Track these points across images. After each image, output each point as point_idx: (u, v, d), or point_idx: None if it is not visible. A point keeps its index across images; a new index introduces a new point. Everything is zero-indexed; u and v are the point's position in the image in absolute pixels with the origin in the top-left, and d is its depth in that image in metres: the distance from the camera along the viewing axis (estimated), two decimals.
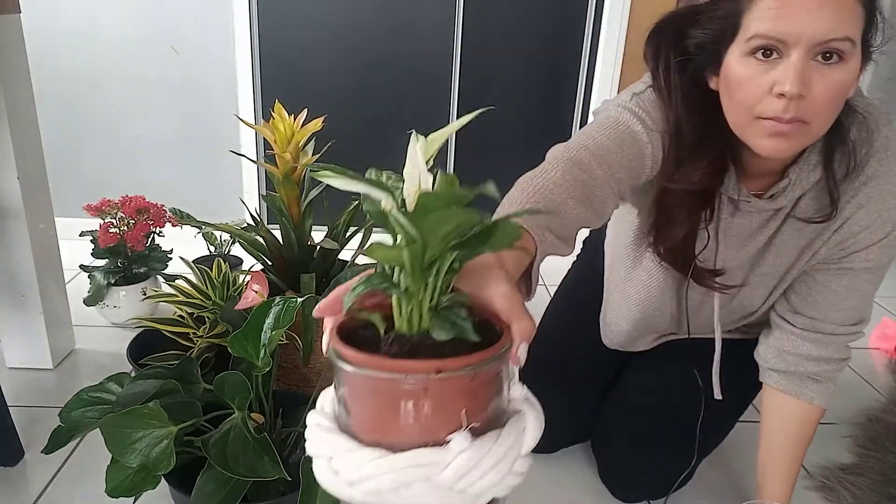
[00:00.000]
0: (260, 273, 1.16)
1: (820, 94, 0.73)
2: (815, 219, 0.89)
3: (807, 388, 1.02)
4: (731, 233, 0.95)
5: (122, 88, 2.21)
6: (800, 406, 1.03)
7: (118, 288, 1.70)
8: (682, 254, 0.94)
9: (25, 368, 1.52)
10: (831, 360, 1.01)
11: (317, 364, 1.43)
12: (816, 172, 0.86)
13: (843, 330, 0.99)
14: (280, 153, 1.32)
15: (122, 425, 0.90)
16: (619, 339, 1.24)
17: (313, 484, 0.95)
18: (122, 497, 0.90)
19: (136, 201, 1.69)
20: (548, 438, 0.46)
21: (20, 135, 1.37)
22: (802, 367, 1.01)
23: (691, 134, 0.84)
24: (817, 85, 0.72)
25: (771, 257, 0.97)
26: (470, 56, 2.21)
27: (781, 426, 1.05)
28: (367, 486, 0.40)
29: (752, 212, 0.92)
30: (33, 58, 1.40)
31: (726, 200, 0.92)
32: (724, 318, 1.09)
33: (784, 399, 1.04)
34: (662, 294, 1.07)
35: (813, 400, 1.02)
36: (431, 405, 0.40)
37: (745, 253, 0.98)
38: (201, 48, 2.18)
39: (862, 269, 0.94)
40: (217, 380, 0.97)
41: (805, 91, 0.72)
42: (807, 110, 0.74)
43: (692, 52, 0.82)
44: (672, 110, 0.84)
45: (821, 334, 0.99)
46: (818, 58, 0.72)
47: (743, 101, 0.76)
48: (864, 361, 1.78)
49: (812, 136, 0.78)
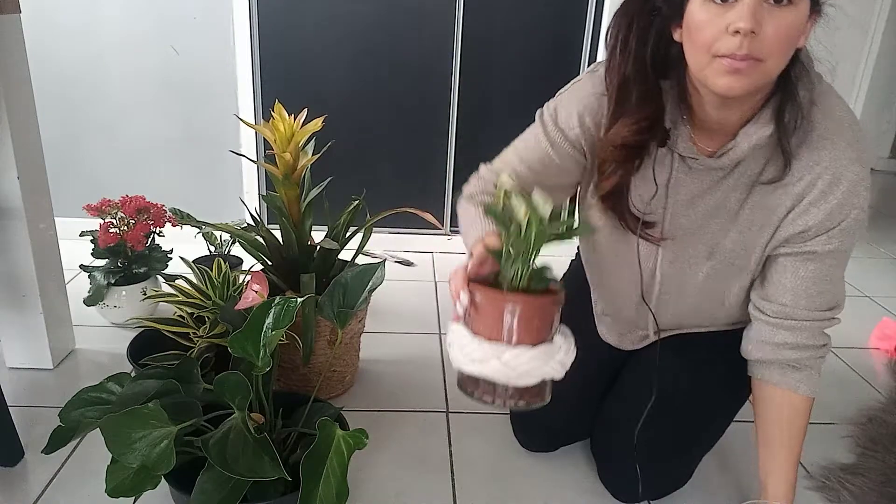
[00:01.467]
0: (260, 273, 1.16)
1: (771, 34, 0.80)
2: (768, 179, 0.94)
3: (788, 376, 1.03)
4: (682, 190, 1.00)
5: (122, 88, 2.21)
6: (786, 395, 1.03)
7: (118, 288, 1.70)
8: (618, 202, 1.01)
9: (25, 368, 1.52)
10: (808, 347, 1.01)
11: (317, 364, 1.43)
12: (767, 129, 0.90)
13: (815, 315, 1.00)
14: (280, 153, 1.32)
15: (122, 425, 0.90)
16: (610, 333, 1.27)
17: (313, 484, 0.96)
18: (122, 497, 0.90)
19: (136, 201, 1.69)
20: (547, 438, 0.48)
21: (20, 135, 1.37)
22: (781, 356, 1.02)
23: (633, 93, 0.92)
24: (768, 25, 0.79)
25: (725, 221, 1.00)
26: (470, 54, 2.21)
27: (772, 418, 1.05)
28: (471, 356, 0.73)
29: (702, 170, 0.97)
30: (33, 58, 1.40)
31: (678, 158, 0.98)
32: (701, 308, 1.10)
33: (770, 390, 1.05)
34: (617, 257, 1.11)
35: (798, 388, 1.02)
36: (541, 314, 0.74)
37: (695, 213, 1.01)
38: (201, 48, 2.18)
39: (826, 254, 0.95)
40: (217, 380, 0.97)
41: (757, 28, 0.79)
42: (760, 48, 0.80)
43: (659, 7, 0.89)
44: (619, 72, 0.92)
45: (793, 321, 1.00)
46: (770, 0, 0.79)
47: (703, 43, 0.83)
48: (864, 361, 1.78)
49: (765, 74, 0.84)
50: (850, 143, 0.91)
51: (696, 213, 1.01)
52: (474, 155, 2.36)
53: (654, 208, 1.02)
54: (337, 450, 0.99)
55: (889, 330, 1.86)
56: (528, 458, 1.31)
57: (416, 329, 1.83)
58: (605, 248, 1.12)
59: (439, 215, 2.42)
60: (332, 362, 1.44)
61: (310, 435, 1.03)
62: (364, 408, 1.46)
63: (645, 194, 1.01)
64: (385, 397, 1.50)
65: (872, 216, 3.19)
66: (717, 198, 0.99)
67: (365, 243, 1.49)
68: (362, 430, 1.01)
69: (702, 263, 1.05)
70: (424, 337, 1.81)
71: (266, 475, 0.91)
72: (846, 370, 1.73)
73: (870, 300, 2.19)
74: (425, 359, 1.68)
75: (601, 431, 1.28)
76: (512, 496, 1.19)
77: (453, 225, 2.44)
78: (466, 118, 2.30)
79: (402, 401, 1.48)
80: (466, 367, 0.74)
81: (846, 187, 0.91)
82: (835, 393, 1.61)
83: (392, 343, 1.76)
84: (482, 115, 2.30)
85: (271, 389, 1.10)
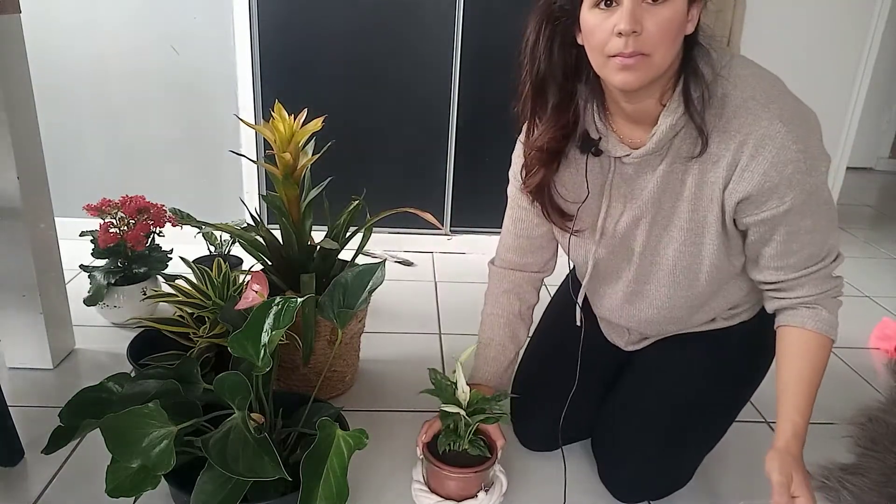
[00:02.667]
0: (260, 273, 1.16)
1: (653, 30, 0.86)
2: (698, 154, 0.97)
3: (797, 315, 1.03)
4: (622, 186, 1.07)
5: (123, 88, 2.21)
6: (795, 332, 1.03)
7: (118, 288, 1.70)
8: (541, 198, 1.11)
9: (25, 368, 1.52)
10: (817, 294, 1.02)
11: (317, 364, 1.43)
12: (679, 109, 0.95)
13: (810, 270, 1.01)
14: (280, 153, 1.32)
15: (122, 425, 0.90)
16: (610, 332, 1.29)
17: (313, 484, 0.96)
18: (122, 497, 0.90)
19: (136, 201, 1.69)
20: (548, 437, 0.49)
21: (20, 135, 1.37)
22: (794, 305, 1.05)
23: (549, 100, 1.02)
24: (649, 22, 0.86)
25: (668, 202, 1.04)
26: (470, 54, 2.21)
27: (783, 353, 1.05)
28: None
29: (636, 162, 1.02)
30: (33, 58, 1.40)
31: (613, 160, 1.05)
32: (678, 295, 1.11)
33: (783, 332, 1.05)
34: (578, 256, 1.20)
35: (805, 324, 1.02)
36: (465, 482, 1.14)
37: (641, 202, 1.05)
38: (201, 48, 2.18)
39: (786, 213, 0.95)
40: (217, 380, 0.97)
41: (638, 28, 0.86)
42: (645, 44, 0.87)
43: (559, 17, 0.95)
44: (533, 79, 1.01)
45: (792, 281, 1.02)
46: (648, 0, 0.86)
47: (596, 45, 0.90)
48: (864, 361, 1.78)
49: (656, 66, 0.90)
50: (766, 104, 0.93)
51: (643, 200, 1.05)
52: (474, 155, 2.36)
53: (590, 210, 1.11)
54: (337, 450, 0.99)
55: (889, 330, 1.86)
56: (529, 457, 1.31)
57: (416, 329, 1.83)
58: (573, 255, 1.21)
59: (439, 215, 2.42)
60: (332, 362, 1.44)
61: (310, 435, 1.03)
62: (364, 408, 1.46)
63: (579, 199, 1.11)
64: (385, 397, 1.50)
65: (872, 216, 3.19)
66: (659, 181, 1.02)
67: (365, 243, 1.49)
68: (362, 430, 1.01)
69: (667, 245, 1.07)
70: (424, 337, 1.81)
71: (266, 475, 0.91)
72: (846, 370, 1.73)
73: (870, 300, 2.19)
74: (425, 359, 1.68)
75: (602, 431, 1.28)
76: (512, 496, 1.19)
77: (453, 225, 2.44)
78: (466, 118, 2.30)
79: (402, 401, 1.48)
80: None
81: (773, 145, 0.92)
82: (835, 393, 1.61)
83: (392, 343, 1.76)
84: (482, 115, 2.30)
85: (271, 389, 1.10)
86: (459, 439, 1.11)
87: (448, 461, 1.12)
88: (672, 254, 1.06)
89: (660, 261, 1.09)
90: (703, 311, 1.15)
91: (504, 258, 1.26)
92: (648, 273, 1.11)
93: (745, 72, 0.96)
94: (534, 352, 1.37)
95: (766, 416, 1.48)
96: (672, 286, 1.10)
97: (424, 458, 1.14)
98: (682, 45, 0.91)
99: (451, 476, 1.11)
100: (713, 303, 1.14)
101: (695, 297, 1.11)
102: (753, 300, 1.16)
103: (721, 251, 1.04)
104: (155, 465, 0.89)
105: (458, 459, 1.12)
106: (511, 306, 1.25)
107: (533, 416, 1.30)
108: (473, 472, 1.11)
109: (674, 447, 1.17)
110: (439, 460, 1.12)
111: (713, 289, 1.10)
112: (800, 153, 0.91)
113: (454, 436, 1.12)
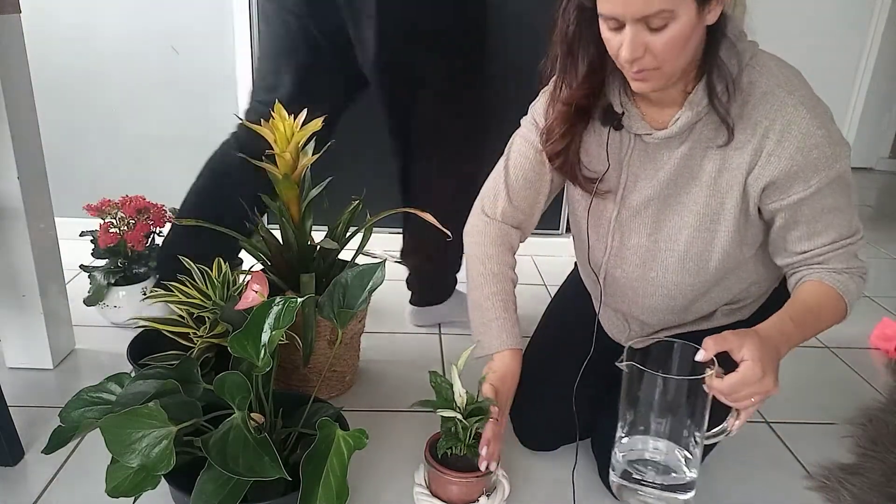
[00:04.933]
0: (260, 273, 1.16)
1: (658, 50, 0.88)
2: (723, 142, 0.98)
3: (817, 273, 1.03)
4: (639, 163, 1.07)
5: (122, 88, 2.21)
6: (813, 283, 1.02)
7: (118, 288, 1.70)
8: (566, 162, 1.11)
9: (25, 368, 1.52)
10: (842, 269, 1.02)
11: (317, 364, 1.43)
12: (704, 99, 0.96)
13: (838, 245, 1.02)
14: (280, 153, 1.32)
15: (122, 425, 0.90)
16: (611, 328, 1.29)
17: (313, 484, 0.96)
18: (122, 497, 0.90)
19: (136, 201, 1.69)
20: (548, 437, 0.49)
21: (20, 135, 1.37)
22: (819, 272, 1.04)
23: (578, 60, 1.01)
24: (653, 44, 0.87)
25: (684, 185, 1.04)
26: None
27: (796, 293, 1.04)
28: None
29: (657, 142, 1.03)
30: (33, 58, 1.40)
31: (633, 136, 1.05)
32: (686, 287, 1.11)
33: (798, 286, 1.05)
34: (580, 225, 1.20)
35: (823, 278, 1.02)
36: (467, 486, 1.12)
37: (656, 182, 1.06)
38: (201, 48, 2.18)
39: (812, 196, 0.97)
40: (217, 380, 0.97)
41: (640, 53, 0.88)
42: (652, 62, 0.89)
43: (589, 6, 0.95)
44: (564, 39, 1.00)
45: (820, 257, 1.02)
46: (648, 26, 0.86)
47: (610, 51, 0.93)
48: (864, 361, 1.78)
49: (668, 75, 0.92)
50: (791, 91, 0.95)
51: (658, 180, 1.05)
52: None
53: (610, 182, 1.10)
54: (337, 450, 0.99)
55: (889, 330, 1.86)
56: (529, 456, 1.31)
57: (416, 329, 1.83)
58: (573, 218, 1.22)
59: None
60: (332, 362, 1.44)
61: (310, 435, 1.03)
62: (364, 408, 1.46)
63: (599, 171, 1.10)
64: (385, 397, 1.50)
65: (872, 216, 3.19)
66: (677, 163, 1.03)
67: (365, 243, 1.49)
68: (362, 430, 1.01)
69: (680, 230, 1.07)
70: (424, 337, 1.81)
71: (266, 475, 0.91)
72: (846, 370, 1.73)
73: (870, 300, 2.19)
74: (425, 359, 1.68)
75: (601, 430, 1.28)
76: (512, 495, 1.19)
77: None
78: None
79: (402, 401, 1.48)
80: None
81: (799, 130, 0.94)
82: (835, 393, 1.61)
83: (392, 343, 1.76)
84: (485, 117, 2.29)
85: (271, 389, 1.10)
86: (460, 443, 1.11)
87: (450, 465, 1.11)
88: (685, 238, 1.07)
89: (672, 245, 1.09)
90: (704, 300, 1.15)
91: (494, 207, 1.21)
92: (659, 256, 1.11)
93: (770, 62, 0.97)
94: (536, 349, 1.37)
95: (765, 417, 1.48)
96: (681, 272, 1.10)
97: (426, 461, 1.13)
98: (704, 38, 0.92)
99: (453, 480, 1.11)
100: (715, 292, 1.14)
101: (701, 283, 1.11)
102: (754, 294, 1.16)
103: (735, 239, 1.04)
104: (155, 465, 0.89)
105: (460, 463, 1.11)
106: (506, 257, 1.20)
107: (534, 417, 1.30)
108: (475, 476, 1.10)
109: None
110: (441, 464, 1.11)
111: (719, 276, 1.10)
112: (824, 138, 0.93)
113: (454, 440, 1.11)
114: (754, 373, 0.88)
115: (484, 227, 1.22)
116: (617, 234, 1.14)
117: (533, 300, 1.72)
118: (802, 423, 1.48)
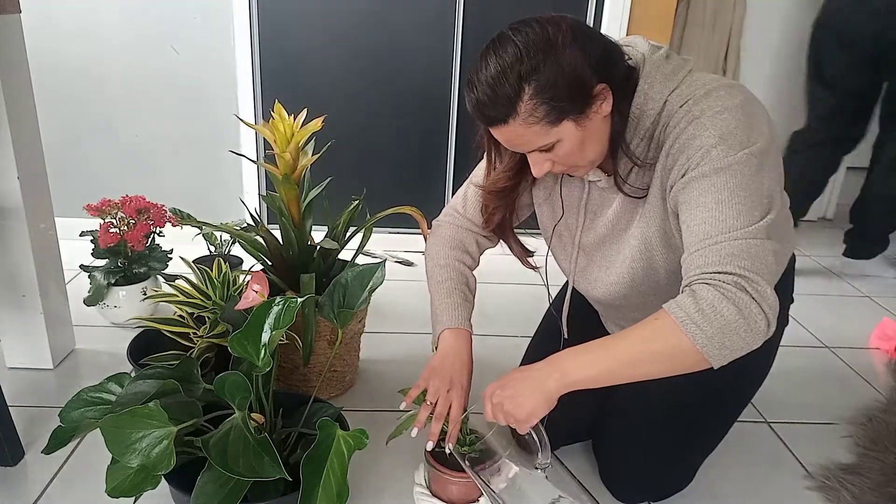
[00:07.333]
0: (260, 273, 1.16)
1: (562, 160, 0.95)
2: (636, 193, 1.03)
3: None
4: (595, 205, 1.12)
5: (123, 88, 2.21)
6: None
7: (118, 288, 1.70)
8: (504, 234, 1.21)
9: (25, 368, 1.52)
10: (701, 274, 0.88)
11: (317, 364, 1.43)
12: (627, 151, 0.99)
13: (703, 244, 0.89)
14: (280, 153, 1.32)
15: (122, 425, 0.90)
16: (610, 326, 1.29)
17: (313, 484, 0.96)
18: (122, 497, 0.90)
19: (136, 201, 1.69)
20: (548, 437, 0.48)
21: (20, 135, 1.37)
22: None
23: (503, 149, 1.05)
24: (556, 158, 0.95)
25: (624, 222, 1.08)
26: (470, 54, 2.21)
27: None
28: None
29: (607, 187, 1.07)
30: (33, 58, 1.40)
31: (588, 184, 1.10)
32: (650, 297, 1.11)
33: None
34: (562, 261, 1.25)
35: (667, 305, 0.89)
36: (467, 486, 1.12)
37: (611, 216, 1.09)
38: (201, 48, 2.18)
39: (709, 175, 0.89)
40: (217, 380, 0.97)
41: (548, 167, 0.96)
42: (563, 168, 0.98)
43: None
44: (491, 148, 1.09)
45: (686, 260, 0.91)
46: (541, 150, 0.94)
47: None
48: (864, 361, 1.78)
49: (590, 163, 0.99)
50: (690, 107, 0.92)
51: (607, 218, 1.09)
52: (474, 155, 2.36)
53: (572, 225, 1.16)
54: (337, 450, 0.99)
55: (889, 330, 1.86)
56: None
57: (416, 329, 1.83)
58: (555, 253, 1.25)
59: None
60: (332, 362, 1.44)
61: (310, 435, 1.03)
62: (364, 408, 1.46)
63: (556, 215, 1.17)
64: (385, 397, 1.50)
65: None
66: (621, 202, 1.06)
67: (365, 243, 1.49)
68: (362, 430, 1.01)
69: (623, 262, 1.09)
70: (424, 337, 1.80)
71: (266, 475, 0.91)
72: (846, 370, 1.73)
73: (870, 300, 2.19)
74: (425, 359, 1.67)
75: (602, 431, 1.28)
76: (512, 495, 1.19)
77: None
78: (466, 118, 2.30)
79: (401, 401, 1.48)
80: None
81: (691, 129, 0.91)
82: (835, 393, 1.61)
83: (392, 343, 1.76)
84: None
85: (271, 389, 1.10)
86: (459, 443, 1.11)
87: (450, 465, 1.11)
88: (627, 270, 1.09)
89: (623, 275, 1.10)
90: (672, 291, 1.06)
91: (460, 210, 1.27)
92: (619, 282, 1.12)
93: (660, 87, 0.95)
94: (536, 349, 1.37)
95: (766, 417, 1.48)
96: (637, 294, 1.12)
97: (426, 461, 1.13)
98: (610, 121, 0.94)
99: (453, 480, 1.11)
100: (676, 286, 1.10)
101: (661, 288, 1.09)
102: None
103: (673, 252, 1.04)
104: (155, 465, 0.89)
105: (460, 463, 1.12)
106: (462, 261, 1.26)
107: None
108: None
109: (674, 448, 1.18)
110: (441, 464, 1.11)
111: (673, 278, 1.06)
112: (715, 131, 0.89)
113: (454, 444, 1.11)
114: (485, 405, 1.00)
115: (446, 227, 1.29)
116: (583, 258, 1.18)
117: (533, 300, 1.72)
118: (802, 423, 1.48)
